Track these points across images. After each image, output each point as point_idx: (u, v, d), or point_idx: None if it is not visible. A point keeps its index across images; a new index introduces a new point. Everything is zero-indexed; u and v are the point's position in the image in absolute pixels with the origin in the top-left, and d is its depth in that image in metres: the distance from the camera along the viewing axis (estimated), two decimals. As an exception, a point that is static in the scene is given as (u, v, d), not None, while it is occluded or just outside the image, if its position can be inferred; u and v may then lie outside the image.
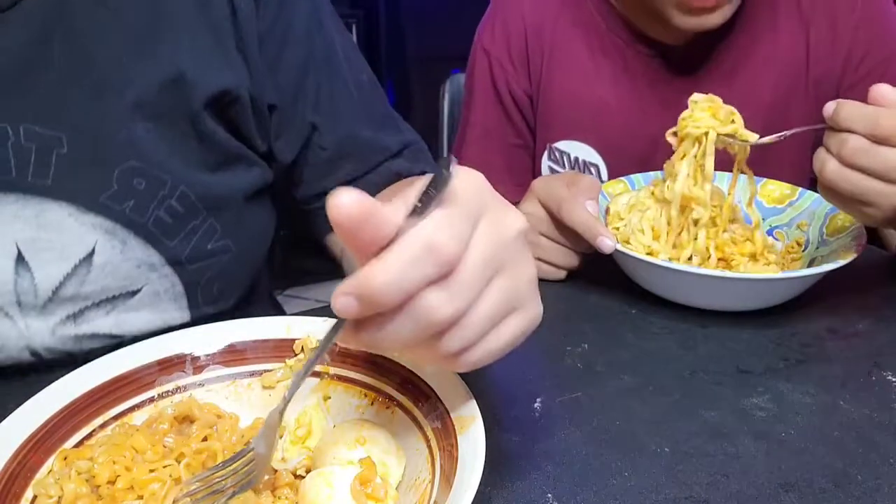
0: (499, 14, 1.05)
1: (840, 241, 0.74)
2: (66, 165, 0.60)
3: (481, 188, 0.38)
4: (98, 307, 0.64)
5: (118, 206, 0.62)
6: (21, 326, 0.61)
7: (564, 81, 1.02)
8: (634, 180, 0.85)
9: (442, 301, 0.35)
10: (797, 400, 0.60)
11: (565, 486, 0.50)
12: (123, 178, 0.62)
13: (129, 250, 0.63)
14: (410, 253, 0.34)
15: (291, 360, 0.54)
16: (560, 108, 1.02)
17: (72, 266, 0.61)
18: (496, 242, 0.37)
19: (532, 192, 0.78)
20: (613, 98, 1.00)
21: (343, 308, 0.35)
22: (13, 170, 0.59)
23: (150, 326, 0.66)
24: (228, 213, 0.69)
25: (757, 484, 0.51)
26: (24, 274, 0.60)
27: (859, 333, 0.69)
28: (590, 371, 0.64)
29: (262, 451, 0.44)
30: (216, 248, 0.68)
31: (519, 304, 0.40)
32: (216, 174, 0.67)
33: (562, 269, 0.78)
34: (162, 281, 0.66)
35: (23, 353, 0.63)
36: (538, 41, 1.02)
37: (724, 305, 0.71)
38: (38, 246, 0.60)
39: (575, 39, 1.01)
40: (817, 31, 0.96)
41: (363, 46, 2.43)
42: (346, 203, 0.33)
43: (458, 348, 0.38)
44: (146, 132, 0.62)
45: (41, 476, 0.45)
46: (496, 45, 1.04)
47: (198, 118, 0.64)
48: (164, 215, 0.64)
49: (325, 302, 0.47)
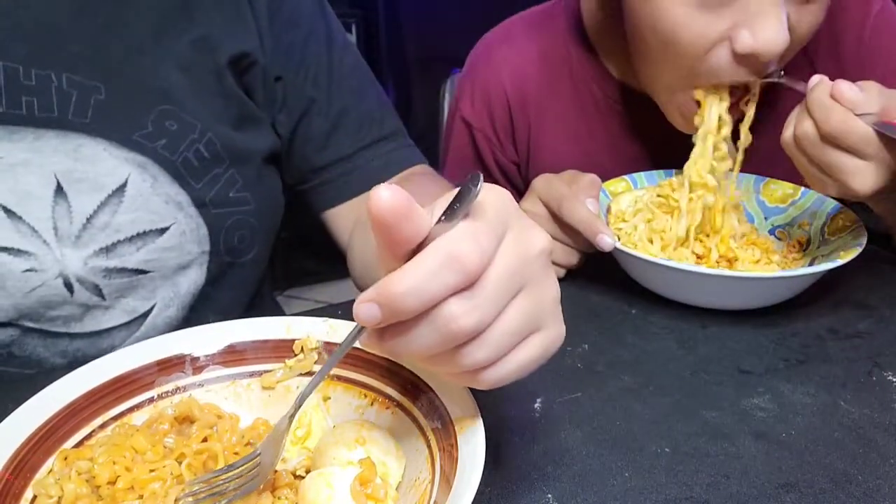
0: (478, 83, 0.99)
1: (841, 241, 0.74)
2: (103, 108, 0.65)
3: (507, 204, 0.38)
4: (130, 242, 0.66)
5: (150, 143, 0.66)
6: (57, 254, 0.64)
7: (555, 145, 0.97)
8: (637, 179, 0.85)
9: (464, 311, 0.36)
10: (797, 400, 0.60)
11: (565, 486, 0.50)
12: (157, 119, 0.67)
13: (160, 186, 0.67)
14: (434, 261, 0.34)
15: (291, 360, 0.54)
16: (552, 170, 0.93)
17: (105, 196, 0.65)
18: (520, 258, 0.38)
19: (533, 191, 0.78)
20: (608, 157, 0.96)
21: (365, 315, 0.36)
22: (56, 109, 0.63)
23: (174, 264, 0.69)
24: (249, 169, 0.73)
25: (757, 484, 0.51)
26: (62, 202, 0.63)
27: (859, 333, 0.69)
28: (590, 371, 0.64)
29: (267, 458, 0.45)
30: (237, 199, 0.72)
31: (542, 324, 0.40)
32: (239, 131, 0.72)
33: (562, 268, 0.78)
34: (188, 221, 0.69)
35: (57, 283, 0.65)
36: (522, 110, 0.97)
37: (725, 304, 0.71)
38: (74, 176, 0.63)
39: (562, 101, 0.96)
40: (823, 69, 0.91)
41: (362, 46, 2.43)
42: (387, 197, 0.34)
43: (479, 364, 0.38)
44: (179, 82, 0.68)
45: (41, 476, 0.45)
46: (478, 117, 0.99)
47: (222, 75, 0.70)
48: (192, 157, 0.68)
49: (324, 302, 0.47)
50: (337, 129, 0.78)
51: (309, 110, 0.77)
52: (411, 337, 0.37)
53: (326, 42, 0.77)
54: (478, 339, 0.37)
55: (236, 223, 0.73)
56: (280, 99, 0.76)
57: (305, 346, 0.54)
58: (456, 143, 1.03)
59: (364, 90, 0.80)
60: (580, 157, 0.96)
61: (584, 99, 0.95)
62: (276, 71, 0.74)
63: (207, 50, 0.69)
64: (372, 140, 0.79)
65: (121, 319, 0.69)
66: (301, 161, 0.79)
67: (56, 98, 0.63)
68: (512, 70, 0.96)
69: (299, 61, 0.75)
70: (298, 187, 0.81)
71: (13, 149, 0.62)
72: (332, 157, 0.78)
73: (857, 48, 0.91)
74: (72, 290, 0.66)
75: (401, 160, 0.80)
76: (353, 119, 0.78)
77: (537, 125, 0.97)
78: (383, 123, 0.81)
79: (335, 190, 0.79)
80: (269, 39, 0.73)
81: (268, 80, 0.74)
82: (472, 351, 0.37)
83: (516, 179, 1.03)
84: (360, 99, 0.79)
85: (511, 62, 0.96)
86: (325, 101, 0.77)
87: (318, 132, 0.77)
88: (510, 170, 1.02)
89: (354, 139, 0.79)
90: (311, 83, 0.76)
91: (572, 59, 0.95)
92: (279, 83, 0.75)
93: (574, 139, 0.96)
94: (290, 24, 0.74)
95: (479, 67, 0.99)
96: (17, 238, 0.63)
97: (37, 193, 0.63)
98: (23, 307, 0.64)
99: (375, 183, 0.82)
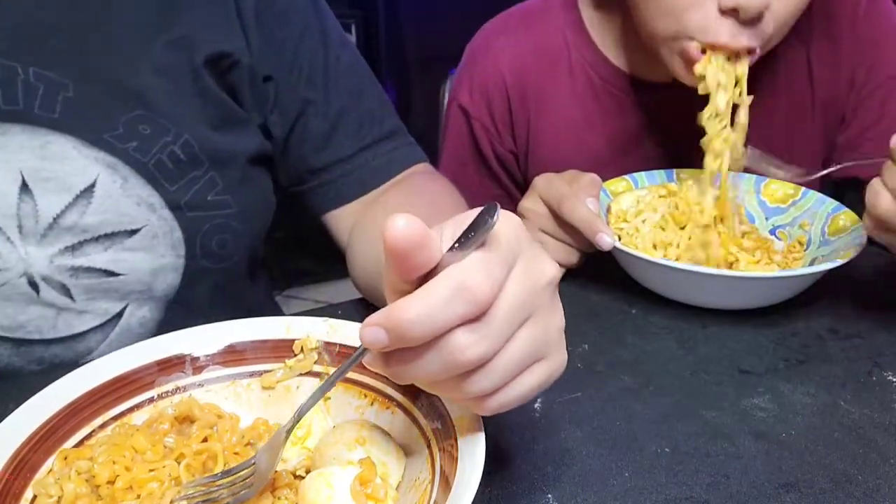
0: (476, 74, 0.99)
1: (841, 241, 0.74)
2: (73, 105, 0.63)
3: (518, 233, 0.38)
4: (97, 242, 0.65)
5: (121, 144, 0.64)
6: (21, 252, 0.63)
7: (554, 133, 0.97)
8: (637, 178, 0.85)
9: (470, 342, 0.36)
10: (797, 400, 0.60)
11: (565, 486, 0.50)
12: (130, 122, 0.65)
13: (130, 187, 0.65)
14: (445, 291, 0.35)
15: (291, 360, 0.54)
16: (552, 160, 0.95)
17: (73, 196, 0.63)
18: (529, 289, 0.38)
19: (533, 189, 0.78)
20: (607, 143, 0.96)
21: (371, 339, 0.36)
22: (20, 101, 0.61)
23: (146, 267, 0.68)
24: (231, 171, 0.71)
25: (757, 484, 0.51)
26: (28, 200, 0.62)
27: (859, 333, 0.69)
28: (590, 371, 0.64)
29: (263, 467, 0.45)
30: (216, 202, 0.70)
31: (546, 353, 0.40)
32: (219, 132, 0.70)
33: (562, 267, 0.78)
34: (161, 224, 0.67)
35: (21, 281, 0.64)
36: (522, 101, 0.97)
37: (724, 304, 0.71)
38: (41, 175, 0.62)
39: (560, 89, 0.96)
40: (818, 50, 0.92)
41: (362, 47, 2.43)
42: (402, 227, 0.34)
43: (483, 391, 0.38)
44: (154, 84, 0.66)
45: (41, 476, 0.45)
46: (476, 106, 0.99)
47: (199, 75, 0.67)
48: (165, 159, 0.66)
49: (324, 302, 0.47)
50: (336, 130, 0.76)
51: (305, 111, 0.75)
52: (416, 363, 0.37)
53: (321, 40, 0.75)
54: (483, 368, 0.37)
55: (215, 227, 0.71)
56: (271, 99, 0.74)
57: (305, 345, 0.54)
58: (453, 133, 1.03)
59: (363, 88, 0.79)
60: (578, 145, 0.97)
61: (583, 86, 0.96)
62: (266, 70, 0.72)
63: (184, 50, 0.67)
64: (372, 140, 0.78)
65: (93, 322, 0.68)
66: (298, 162, 0.77)
67: (21, 90, 0.61)
68: (511, 61, 0.97)
69: (292, 60, 0.73)
70: (295, 188, 0.79)
71: None
72: (332, 158, 0.76)
73: (851, 31, 0.91)
74: (37, 289, 0.64)
75: (401, 160, 0.79)
76: (352, 119, 0.77)
77: (536, 115, 0.97)
78: (383, 122, 0.79)
79: (335, 191, 0.77)
80: (257, 38, 0.71)
81: (255, 80, 0.72)
82: (477, 379, 0.38)
83: (514, 169, 1.03)
84: (360, 98, 0.78)
85: (509, 53, 0.97)
86: (323, 101, 0.75)
87: (317, 133, 0.76)
88: (508, 159, 1.02)
89: (354, 140, 0.77)
90: (306, 82, 0.74)
91: (570, 46, 0.95)
92: (270, 83, 0.73)
93: (572, 128, 0.97)
94: (282, 22, 0.72)
95: (477, 58, 0.99)
96: None
97: (1, 190, 0.61)
98: None
99: (375, 183, 0.81)
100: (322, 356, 0.54)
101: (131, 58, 0.65)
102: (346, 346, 0.53)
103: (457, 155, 1.02)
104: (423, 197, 0.73)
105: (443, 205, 0.71)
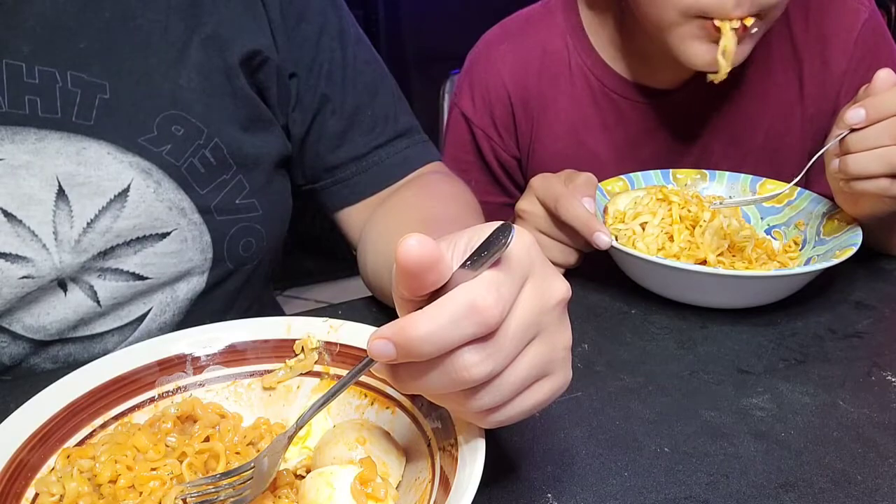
0: (477, 81, 0.99)
1: (836, 241, 0.74)
2: (108, 109, 0.63)
3: (531, 252, 0.39)
4: (128, 246, 0.66)
5: (155, 148, 0.65)
6: (56, 260, 0.63)
7: (555, 138, 0.98)
8: (634, 179, 0.85)
9: (477, 361, 0.36)
10: (797, 400, 0.60)
11: (565, 486, 0.50)
12: (163, 124, 0.65)
13: (163, 192, 0.66)
14: (455, 310, 0.35)
15: (292, 360, 0.54)
16: (553, 165, 0.93)
17: (107, 200, 0.64)
18: (538, 309, 0.38)
19: (531, 189, 0.78)
20: (605, 148, 0.97)
21: (379, 351, 0.36)
22: (59, 110, 0.62)
23: (173, 271, 0.68)
24: (257, 174, 0.71)
25: (757, 484, 0.51)
26: (63, 206, 0.63)
27: (858, 333, 0.69)
28: (590, 371, 0.64)
29: (262, 471, 0.45)
30: (243, 205, 0.71)
31: (551, 370, 0.40)
32: (248, 133, 0.70)
33: (560, 267, 0.78)
34: (191, 228, 0.68)
35: (52, 285, 0.64)
36: (524, 105, 0.97)
37: (721, 303, 0.71)
38: (76, 180, 0.63)
39: (561, 94, 0.96)
40: (810, 68, 0.93)
41: (362, 47, 2.42)
42: (415, 247, 0.34)
43: (487, 407, 0.39)
44: (187, 83, 0.66)
45: (43, 474, 0.45)
46: (478, 113, 0.99)
47: (233, 74, 0.68)
48: (197, 163, 0.67)
49: (324, 302, 0.47)
50: (352, 128, 0.76)
51: (323, 108, 0.75)
52: (423, 377, 0.37)
53: (339, 37, 0.75)
54: (488, 384, 0.38)
55: (242, 230, 0.71)
56: (294, 96, 0.74)
57: (306, 345, 0.54)
58: (454, 139, 1.03)
59: (378, 86, 0.78)
60: (579, 149, 0.97)
61: (583, 90, 0.96)
62: (290, 67, 0.72)
63: (217, 48, 0.67)
64: (387, 138, 0.77)
65: (115, 324, 0.68)
66: (314, 160, 0.77)
67: (60, 98, 0.62)
68: (512, 67, 0.97)
69: (312, 57, 0.73)
70: (309, 186, 0.79)
71: (15, 150, 0.61)
72: (347, 155, 0.76)
73: (845, 54, 0.92)
74: (66, 290, 0.65)
75: (416, 158, 0.79)
76: (367, 117, 0.77)
77: (538, 120, 0.98)
78: (398, 120, 0.79)
79: (349, 189, 0.77)
80: (282, 35, 0.71)
81: (282, 78, 0.72)
82: (482, 395, 0.38)
83: (516, 174, 1.03)
84: (375, 95, 0.77)
85: (511, 59, 0.97)
86: (340, 98, 0.75)
87: (333, 131, 0.75)
88: (510, 164, 1.02)
89: (369, 137, 0.77)
90: (325, 79, 0.74)
91: (570, 50, 0.96)
92: (293, 80, 0.73)
93: (573, 132, 0.97)
94: (302, 19, 0.72)
95: (478, 65, 1.00)
96: (16, 243, 0.62)
97: (38, 197, 0.62)
98: (15, 311, 0.64)
99: (389, 181, 0.82)
100: (322, 356, 0.54)
101: (161, 56, 0.65)
102: (347, 346, 0.53)
103: (458, 160, 1.03)
104: (437, 198, 0.73)
105: (456, 207, 0.71)
